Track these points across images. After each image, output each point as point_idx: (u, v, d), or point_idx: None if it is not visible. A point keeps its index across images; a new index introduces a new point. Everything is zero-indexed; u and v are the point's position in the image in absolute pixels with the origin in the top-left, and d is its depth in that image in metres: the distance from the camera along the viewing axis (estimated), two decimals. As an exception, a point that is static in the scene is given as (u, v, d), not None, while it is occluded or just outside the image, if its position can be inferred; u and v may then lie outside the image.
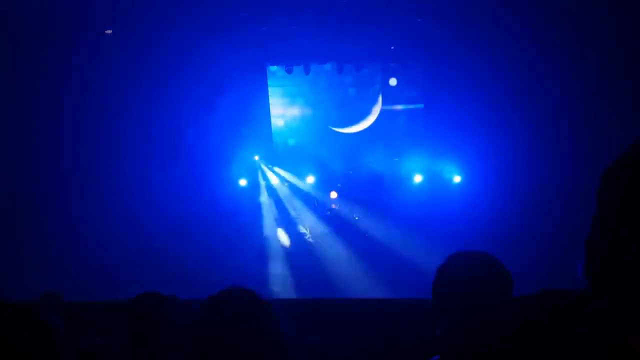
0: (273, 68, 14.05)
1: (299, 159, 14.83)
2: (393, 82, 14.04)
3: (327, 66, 13.95)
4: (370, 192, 14.51)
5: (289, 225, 14.70)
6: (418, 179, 14.19)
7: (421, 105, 14.21)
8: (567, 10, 10.81)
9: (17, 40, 11.16)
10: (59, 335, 1.84)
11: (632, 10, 10.28)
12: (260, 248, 14.14)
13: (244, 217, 13.87)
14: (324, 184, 14.82)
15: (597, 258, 1.08)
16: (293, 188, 14.94)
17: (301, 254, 14.45)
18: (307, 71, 13.75)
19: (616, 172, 1.10)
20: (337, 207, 14.81)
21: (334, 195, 14.78)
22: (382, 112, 14.44)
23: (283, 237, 14.50)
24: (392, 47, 13.32)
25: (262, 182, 14.80)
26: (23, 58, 11.47)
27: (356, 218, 14.63)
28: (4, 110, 11.67)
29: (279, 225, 14.60)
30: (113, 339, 3.32)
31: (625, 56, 10.89)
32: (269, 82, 14.22)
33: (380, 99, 14.40)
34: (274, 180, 14.85)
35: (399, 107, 14.37)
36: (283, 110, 14.58)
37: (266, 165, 14.79)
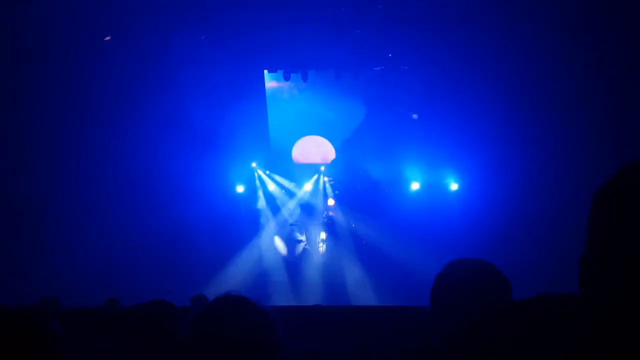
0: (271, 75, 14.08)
1: (296, 166, 14.83)
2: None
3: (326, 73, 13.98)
4: (368, 199, 14.51)
5: (287, 232, 14.69)
6: (415, 186, 14.19)
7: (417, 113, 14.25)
8: (562, 17, 10.85)
9: (18, 46, 11.18)
10: (59, 340, 1.84)
11: (630, 15, 10.32)
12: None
13: (241, 223, 13.85)
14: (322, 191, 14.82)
15: (592, 274, 1.09)
16: (291, 195, 14.93)
17: (298, 261, 14.43)
18: (304, 78, 13.76)
19: (607, 193, 1.11)
20: (334, 214, 14.80)
21: (331, 202, 14.77)
22: (378, 119, 14.47)
23: (280, 245, 14.46)
24: (390, 55, 13.34)
25: (259, 189, 14.78)
26: (24, 62, 11.49)
27: (353, 226, 14.61)
28: (5, 114, 11.67)
29: (276, 233, 14.56)
30: (112, 345, 3.31)
31: (623, 64, 10.92)
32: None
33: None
34: (271, 187, 14.82)
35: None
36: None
37: (264, 172, 14.77)
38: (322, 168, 14.88)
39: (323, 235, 14.73)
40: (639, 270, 1.02)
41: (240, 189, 14.38)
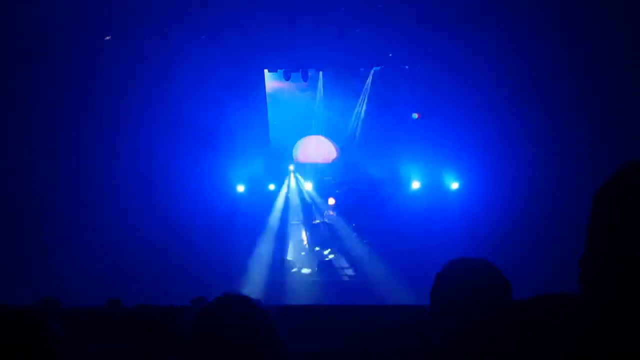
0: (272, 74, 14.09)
1: (297, 165, 14.85)
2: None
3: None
4: (368, 198, 14.50)
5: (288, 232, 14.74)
6: (416, 185, 14.19)
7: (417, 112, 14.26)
8: (562, 17, 10.85)
9: (18, 46, 11.18)
10: (59, 340, 1.84)
11: (630, 15, 10.31)
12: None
13: (241, 223, 13.84)
14: (322, 190, 14.83)
15: (593, 274, 1.09)
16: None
17: (298, 261, 14.44)
18: (305, 77, 13.76)
19: (608, 193, 1.12)
20: (334, 214, 14.79)
21: (331, 201, 14.77)
22: (379, 118, 14.49)
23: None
24: (390, 55, 13.35)
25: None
26: (24, 62, 11.49)
27: (353, 225, 14.60)
28: (5, 114, 11.68)
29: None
30: (112, 345, 3.31)
31: (623, 64, 10.92)
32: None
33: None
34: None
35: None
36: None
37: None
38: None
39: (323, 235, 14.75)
40: (639, 270, 1.02)
41: (240, 188, 14.39)
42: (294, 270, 14.13)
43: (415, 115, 14.25)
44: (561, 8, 10.80)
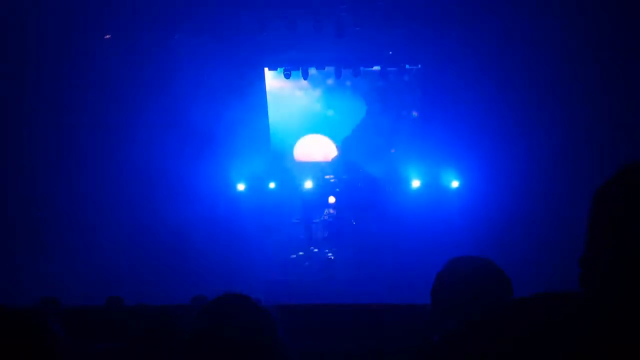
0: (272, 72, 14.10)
1: (297, 163, 14.84)
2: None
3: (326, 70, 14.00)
4: (368, 197, 14.50)
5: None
6: (416, 183, 14.19)
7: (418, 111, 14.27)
8: (564, 16, 10.84)
9: (18, 46, 11.18)
10: (59, 340, 1.83)
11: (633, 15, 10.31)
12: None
13: (242, 222, 13.84)
14: (322, 189, 14.82)
15: (593, 273, 1.10)
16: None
17: (298, 259, 14.43)
18: (305, 76, 13.76)
19: (607, 193, 1.12)
20: (334, 212, 14.79)
21: (332, 200, 14.76)
22: (379, 118, 14.49)
23: None
24: (390, 52, 13.35)
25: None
26: (24, 62, 11.50)
27: (354, 223, 14.60)
28: (6, 114, 11.68)
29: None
30: (112, 345, 3.32)
31: (626, 65, 10.91)
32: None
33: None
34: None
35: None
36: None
37: None
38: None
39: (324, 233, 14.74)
40: (639, 270, 1.02)
41: (240, 187, 14.39)
42: (294, 268, 14.13)
43: (415, 114, 14.26)
44: (561, 8, 10.80)
